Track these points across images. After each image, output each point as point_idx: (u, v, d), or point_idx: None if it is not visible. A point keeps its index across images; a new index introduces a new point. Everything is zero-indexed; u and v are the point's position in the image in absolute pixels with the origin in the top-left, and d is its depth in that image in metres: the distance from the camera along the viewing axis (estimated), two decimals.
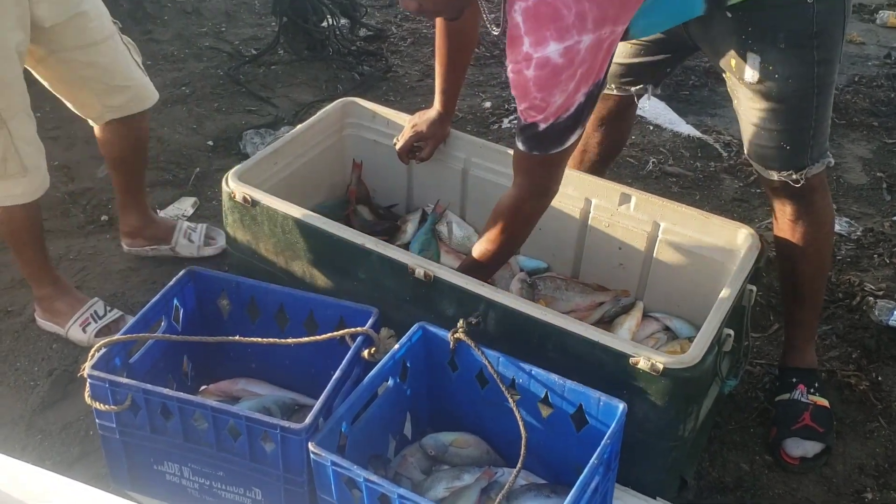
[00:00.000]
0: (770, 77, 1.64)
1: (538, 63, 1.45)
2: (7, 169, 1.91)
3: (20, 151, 1.91)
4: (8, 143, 1.88)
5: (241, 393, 1.84)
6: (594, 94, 1.55)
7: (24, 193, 1.97)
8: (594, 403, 1.53)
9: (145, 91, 2.17)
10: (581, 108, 1.53)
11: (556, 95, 1.49)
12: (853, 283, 2.39)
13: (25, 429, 1.95)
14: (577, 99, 1.51)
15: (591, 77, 1.50)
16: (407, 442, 1.73)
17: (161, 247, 2.44)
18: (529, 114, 1.54)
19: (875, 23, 4.28)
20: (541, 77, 1.47)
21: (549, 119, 1.53)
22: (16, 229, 2.08)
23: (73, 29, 1.96)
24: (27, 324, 2.24)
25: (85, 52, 2.00)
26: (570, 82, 1.48)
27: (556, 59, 1.44)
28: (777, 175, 1.75)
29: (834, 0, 1.61)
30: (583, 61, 1.45)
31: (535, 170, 1.66)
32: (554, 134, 1.56)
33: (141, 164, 2.35)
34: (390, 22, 4.14)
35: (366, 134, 2.33)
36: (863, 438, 1.96)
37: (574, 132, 1.58)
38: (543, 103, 1.50)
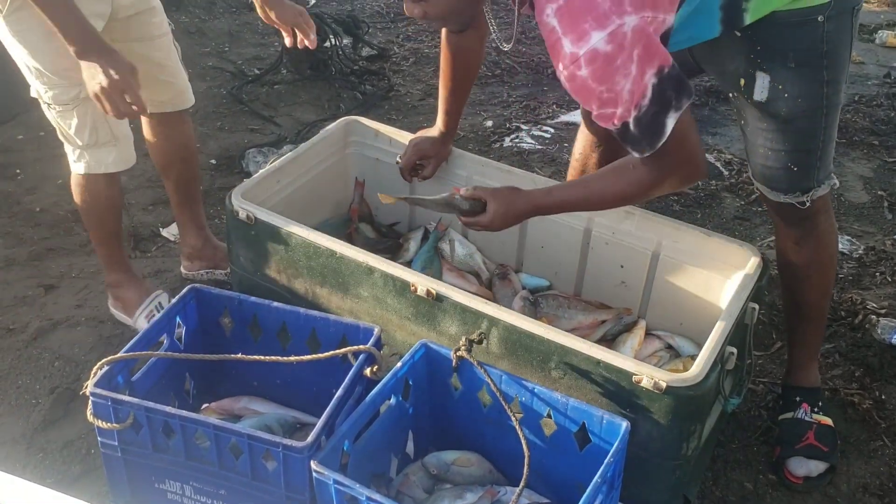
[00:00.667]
0: (779, 96, 1.64)
1: (587, 58, 1.39)
2: (99, 137, 1.99)
3: (109, 120, 1.97)
4: (97, 114, 1.93)
5: (243, 411, 1.84)
6: (670, 76, 1.44)
7: (115, 161, 2.04)
8: (597, 422, 1.53)
9: (187, 92, 2.25)
10: (659, 89, 1.43)
11: (619, 82, 1.40)
12: (855, 302, 2.39)
13: (26, 447, 1.95)
14: (647, 82, 1.41)
15: (654, 59, 1.41)
16: (409, 460, 1.72)
17: (216, 271, 2.45)
18: (607, 113, 1.46)
19: (874, 42, 4.32)
20: (595, 71, 1.40)
21: (631, 111, 1.44)
22: (96, 206, 2.13)
23: (140, 22, 2.05)
24: (29, 342, 2.24)
25: (144, 44, 2.08)
26: (630, 65, 1.40)
27: (603, 48, 1.38)
28: (783, 197, 1.75)
29: (843, 19, 1.61)
30: (634, 43, 1.38)
31: (663, 160, 1.53)
32: (648, 126, 1.46)
33: (191, 175, 2.38)
34: (392, 42, 4.18)
35: (368, 152, 2.34)
36: (867, 457, 1.96)
37: (668, 114, 1.46)
38: (611, 94, 1.42)
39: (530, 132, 3.39)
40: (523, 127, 3.42)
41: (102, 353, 2.09)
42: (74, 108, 1.94)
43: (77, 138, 1.98)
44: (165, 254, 2.62)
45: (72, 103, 1.93)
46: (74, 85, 1.90)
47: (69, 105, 1.94)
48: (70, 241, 2.65)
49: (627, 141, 1.51)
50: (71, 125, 1.96)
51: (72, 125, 1.96)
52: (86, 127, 1.97)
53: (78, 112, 1.95)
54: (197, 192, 2.44)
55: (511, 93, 3.71)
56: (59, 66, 1.89)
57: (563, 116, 3.49)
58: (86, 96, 1.90)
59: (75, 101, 1.93)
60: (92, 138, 1.98)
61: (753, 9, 1.57)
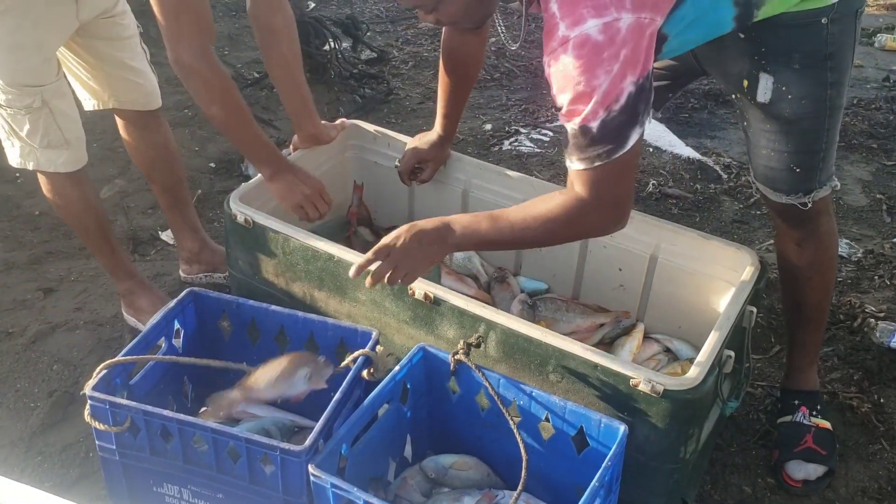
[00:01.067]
0: (783, 98, 1.64)
1: (577, 42, 1.37)
2: (50, 141, 2.00)
3: (61, 126, 2.00)
4: (49, 119, 1.98)
5: (241, 414, 1.83)
6: (645, 88, 1.42)
7: (65, 163, 2.05)
8: (595, 425, 1.53)
9: (155, 94, 2.25)
10: (633, 99, 1.40)
11: (599, 76, 1.37)
12: (854, 305, 2.39)
13: (25, 450, 1.95)
14: (625, 87, 1.39)
15: (637, 65, 1.39)
16: (407, 464, 1.72)
17: (215, 274, 2.45)
18: (575, 110, 1.41)
19: (873, 46, 4.32)
20: (581, 56, 1.37)
21: (599, 112, 1.39)
22: (69, 207, 2.14)
23: (106, 23, 2.06)
24: (28, 345, 2.25)
25: (110, 43, 2.09)
26: (614, 63, 1.37)
27: (595, 35, 1.36)
28: (786, 198, 1.75)
29: (846, 22, 1.61)
30: (624, 41, 1.36)
31: (603, 184, 1.48)
32: (611, 132, 1.42)
33: (176, 179, 2.38)
34: (392, 45, 4.18)
35: (367, 156, 2.34)
36: (865, 461, 1.96)
37: (633, 128, 1.43)
38: (588, 87, 1.38)
39: (529, 135, 3.39)
40: (522, 130, 3.43)
41: (101, 357, 2.09)
42: (27, 115, 1.95)
43: (28, 139, 1.99)
44: (164, 257, 2.62)
45: (24, 110, 1.94)
46: (29, 95, 1.92)
47: (21, 111, 1.95)
48: (69, 245, 2.65)
49: (580, 147, 1.44)
50: (22, 129, 1.97)
51: (23, 129, 1.97)
52: (37, 132, 1.98)
53: (30, 119, 1.96)
54: (185, 194, 2.43)
55: (510, 96, 3.71)
56: (16, 81, 1.90)
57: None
58: (38, 106, 1.94)
59: (28, 109, 1.94)
60: (43, 141, 2.00)
61: (764, 10, 1.57)
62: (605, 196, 1.49)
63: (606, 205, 1.51)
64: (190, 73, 1.83)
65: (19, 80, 1.90)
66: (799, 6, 1.57)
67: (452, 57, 2.02)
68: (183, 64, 1.81)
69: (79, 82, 2.14)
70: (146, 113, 2.23)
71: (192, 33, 1.79)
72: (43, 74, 1.93)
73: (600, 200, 1.49)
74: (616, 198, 1.51)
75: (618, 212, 1.53)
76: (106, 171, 3.03)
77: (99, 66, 2.11)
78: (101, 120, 2.51)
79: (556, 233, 1.55)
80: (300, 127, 2.21)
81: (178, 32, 1.78)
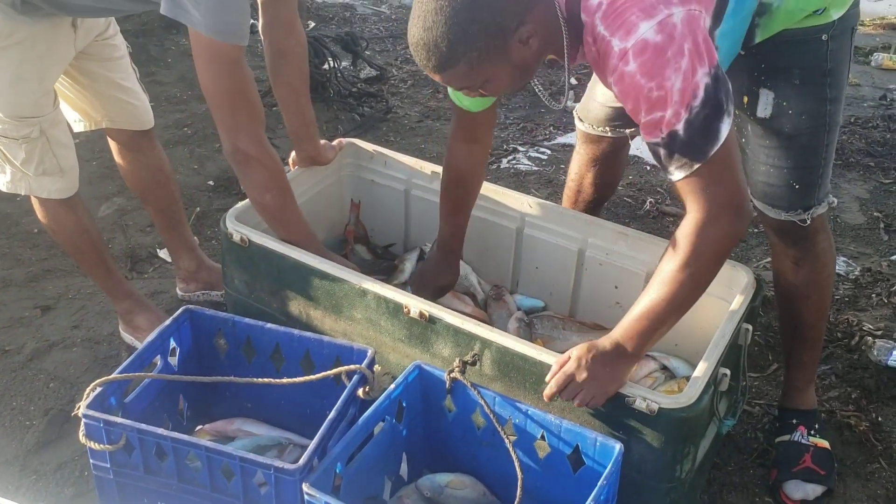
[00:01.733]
0: (783, 113, 1.65)
1: (636, 50, 1.34)
2: (45, 169, 2.01)
3: (57, 155, 2.00)
4: (46, 148, 1.98)
5: (236, 433, 1.83)
6: (721, 79, 1.37)
7: (59, 190, 2.06)
8: (591, 444, 1.52)
9: (148, 113, 2.24)
10: (712, 91, 1.36)
11: (669, 77, 1.34)
12: (851, 323, 2.39)
13: (20, 469, 1.94)
14: (699, 81, 1.35)
15: (704, 56, 1.35)
16: (403, 483, 1.72)
17: (212, 292, 2.45)
18: (655, 119, 1.38)
19: (870, 65, 4.35)
20: (645, 63, 1.34)
21: (681, 113, 1.35)
22: (63, 232, 2.13)
23: (96, 45, 2.06)
24: (25, 363, 2.24)
25: (102, 64, 2.09)
26: (681, 59, 1.33)
27: (652, 37, 1.33)
28: (785, 215, 1.75)
29: (843, 39, 1.63)
30: (683, 36, 1.33)
31: (712, 183, 1.41)
32: (699, 131, 1.37)
33: (171, 199, 2.38)
34: (391, 64, 4.20)
35: (364, 174, 2.35)
36: (864, 480, 1.94)
37: (721, 119, 1.37)
38: (661, 91, 1.35)
39: (527, 153, 3.40)
40: (520, 148, 3.44)
41: (98, 375, 2.09)
42: (24, 145, 1.95)
43: (23, 168, 1.98)
44: (162, 275, 2.62)
45: (22, 140, 1.94)
46: (27, 126, 1.92)
47: (17, 140, 1.94)
48: (67, 263, 2.65)
49: (675, 151, 1.39)
50: (17, 157, 1.96)
51: (18, 158, 1.96)
52: (32, 161, 1.97)
53: (26, 148, 1.95)
54: (181, 214, 2.43)
55: (508, 115, 3.73)
56: (16, 113, 1.90)
57: (559, 138, 3.51)
58: (36, 136, 1.94)
59: (25, 139, 1.94)
60: (39, 169, 1.99)
61: (764, 25, 1.59)
62: (719, 198, 1.42)
63: (723, 206, 1.42)
64: (249, 161, 1.81)
65: (19, 112, 1.90)
66: (800, 23, 1.58)
67: (458, 169, 1.97)
68: (243, 153, 1.79)
69: (69, 104, 2.14)
70: (139, 134, 2.23)
71: (249, 122, 1.78)
72: (42, 106, 1.93)
73: (715, 204, 1.42)
74: (730, 195, 1.43)
75: (738, 209, 1.44)
76: (105, 189, 3.04)
77: (91, 86, 2.11)
78: (100, 139, 2.52)
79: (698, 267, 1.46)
80: (300, 147, 2.22)
81: (236, 124, 1.76)
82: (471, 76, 1.44)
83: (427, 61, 1.42)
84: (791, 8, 1.56)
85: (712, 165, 1.40)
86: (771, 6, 1.56)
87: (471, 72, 1.42)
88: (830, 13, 1.59)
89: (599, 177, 2.17)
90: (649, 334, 1.52)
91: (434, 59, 1.41)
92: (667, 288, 1.47)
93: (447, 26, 1.36)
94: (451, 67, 1.41)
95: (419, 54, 1.43)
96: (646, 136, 1.43)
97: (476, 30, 1.37)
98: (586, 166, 2.16)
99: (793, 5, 1.56)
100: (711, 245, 1.45)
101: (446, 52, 1.39)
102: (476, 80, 1.46)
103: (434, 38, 1.38)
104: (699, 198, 1.43)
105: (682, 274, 1.46)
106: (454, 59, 1.40)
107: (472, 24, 1.36)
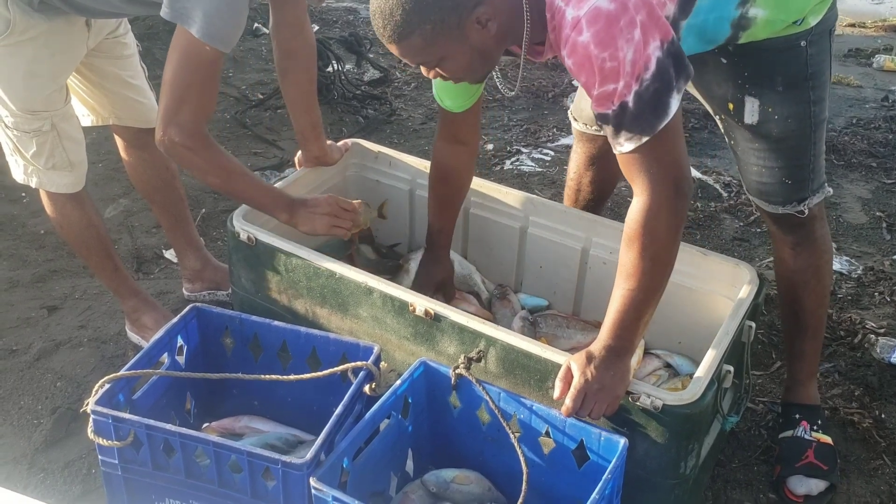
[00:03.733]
0: (770, 119, 1.69)
1: (589, 18, 1.34)
2: (55, 163, 2.03)
3: (66, 149, 2.03)
4: (56, 142, 2.00)
5: (244, 430, 1.84)
6: (675, 53, 1.38)
7: (67, 185, 2.08)
8: (595, 439, 1.53)
9: (152, 112, 2.25)
10: (663, 65, 1.36)
11: (622, 47, 1.34)
12: (854, 322, 2.40)
13: (28, 467, 1.95)
14: (651, 53, 1.35)
15: (657, 30, 1.36)
16: (408, 479, 1.73)
17: (218, 292, 2.47)
18: (607, 91, 1.38)
19: (872, 66, 4.36)
20: (598, 32, 1.34)
21: (632, 84, 1.36)
22: (71, 227, 2.15)
23: (107, 43, 2.09)
24: (32, 362, 2.26)
25: (112, 62, 2.11)
26: (633, 29, 1.34)
27: (605, 5, 1.34)
28: (782, 209, 1.78)
29: (822, 43, 1.67)
30: (637, 7, 1.34)
31: (656, 161, 1.43)
32: (649, 104, 1.38)
33: (177, 198, 2.40)
34: (394, 67, 4.22)
35: (369, 174, 2.36)
36: (867, 476, 1.95)
37: (671, 94, 1.38)
38: (614, 62, 1.35)
39: (531, 155, 3.42)
40: (524, 150, 3.45)
41: (104, 374, 2.07)
42: (34, 138, 1.97)
43: (33, 160, 2.01)
44: (168, 275, 2.64)
45: (32, 133, 1.97)
46: (39, 119, 1.94)
47: (28, 133, 1.97)
48: (74, 263, 2.67)
49: (624, 126, 1.40)
50: (28, 150, 1.99)
51: (29, 150, 1.99)
52: (42, 154, 2.00)
53: (37, 142, 1.98)
54: (186, 213, 2.45)
55: (511, 116, 3.75)
56: (28, 107, 1.93)
57: (562, 139, 3.52)
58: (47, 129, 1.96)
59: (36, 133, 1.96)
60: (48, 163, 2.02)
61: (747, 35, 1.61)
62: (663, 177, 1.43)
63: (667, 185, 1.44)
64: (175, 148, 1.78)
65: (31, 106, 1.93)
66: (780, 32, 1.62)
67: (442, 168, 2.02)
68: (170, 142, 1.77)
69: (78, 99, 2.17)
70: (145, 132, 2.24)
71: (189, 117, 1.76)
72: (54, 101, 1.96)
73: (659, 185, 1.43)
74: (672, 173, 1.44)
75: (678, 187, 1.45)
76: (111, 190, 3.06)
77: (100, 83, 2.13)
78: (106, 141, 2.55)
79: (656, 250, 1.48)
80: (306, 148, 2.24)
81: (175, 116, 1.75)
82: (426, 51, 1.46)
83: (383, 30, 1.44)
84: (772, 19, 1.59)
85: (658, 141, 1.41)
86: (754, 19, 1.58)
87: (426, 46, 1.44)
88: (808, 20, 1.62)
89: (598, 175, 2.19)
90: (634, 327, 1.54)
91: (389, 28, 1.43)
92: (634, 279, 1.49)
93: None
94: (406, 38, 1.43)
95: (376, 22, 1.45)
96: (597, 107, 1.42)
97: (430, 2, 1.40)
98: (584, 165, 2.18)
99: (773, 16, 1.59)
100: (662, 226, 1.47)
101: (401, 22, 1.41)
102: (431, 57, 1.47)
103: (391, 7, 1.41)
104: (644, 178, 1.44)
105: (643, 262, 1.48)
106: (408, 29, 1.42)
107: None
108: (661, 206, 1.45)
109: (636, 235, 1.47)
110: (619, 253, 1.52)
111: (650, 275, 1.49)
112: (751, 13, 1.58)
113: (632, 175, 1.47)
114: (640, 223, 1.47)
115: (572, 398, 1.51)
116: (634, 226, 1.47)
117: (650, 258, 1.48)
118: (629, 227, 1.49)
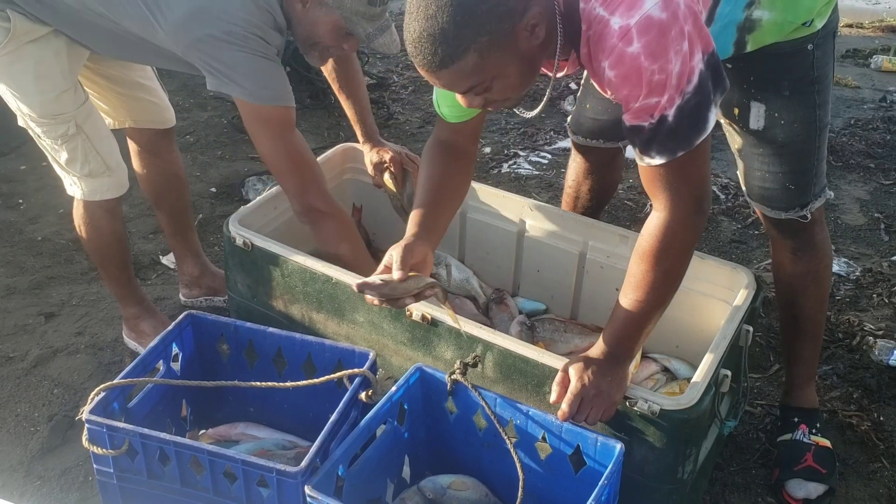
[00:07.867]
0: (776, 123, 1.68)
1: (640, 27, 1.27)
2: (92, 169, 2.01)
3: (99, 151, 2.01)
4: (87, 145, 1.99)
5: (240, 437, 1.84)
6: (714, 65, 1.34)
7: (110, 189, 2.07)
8: (591, 444, 1.53)
9: (169, 111, 2.27)
10: (704, 78, 1.32)
11: (671, 59, 1.28)
12: (853, 324, 2.39)
13: (24, 475, 1.95)
14: (696, 66, 1.31)
15: (701, 41, 1.32)
16: (405, 485, 1.72)
17: (215, 298, 2.47)
18: (650, 104, 1.32)
19: (870, 67, 4.35)
20: (650, 42, 1.27)
21: (675, 98, 1.31)
22: (98, 239, 2.15)
23: None
24: (29, 369, 2.25)
25: (120, 64, 2.11)
26: (682, 41, 1.28)
27: (657, 14, 1.27)
28: (785, 215, 1.77)
29: (826, 46, 1.66)
30: (685, 16, 1.29)
31: (684, 178, 1.40)
32: (688, 118, 1.33)
33: (184, 205, 2.41)
34: (392, 71, 4.22)
35: (366, 178, 2.36)
36: (866, 479, 1.95)
37: (710, 108, 1.35)
38: (662, 75, 1.29)
39: (528, 158, 3.41)
40: (521, 153, 3.45)
41: (101, 381, 2.07)
42: (64, 144, 1.97)
43: (69, 168, 2.01)
44: (165, 281, 2.64)
45: (60, 139, 1.96)
46: (62, 123, 1.93)
47: (58, 140, 1.96)
48: (71, 270, 2.67)
49: (657, 139, 1.35)
50: (61, 157, 1.99)
51: (62, 158, 1.99)
52: (76, 160, 1.99)
53: (67, 147, 1.97)
54: (190, 220, 2.46)
55: (509, 120, 3.74)
56: (46, 111, 1.92)
57: (560, 143, 3.52)
58: (73, 132, 1.95)
59: (64, 138, 1.96)
60: (84, 169, 2.01)
61: (753, 39, 1.60)
62: (685, 194, 1.41)
63: (688, 203, 1.41)
64: (323, 217, 1.89)
65: (49, 110, 1.91)
66: (788, 35, 1.60)
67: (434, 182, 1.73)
68: (316, 210, 1.88)
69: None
70: (160, 135, 2.25)
71: (314, 180, 1.87)
72: (70, 101, 1.94)
73: (682, 201, 1.41)
74: (695, 191, 1.42)
75: (700, 206, 1.43)
76: None
77: (112, 88, 2.13)
78: None
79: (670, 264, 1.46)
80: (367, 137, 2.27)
81: (303, 184, 1.86)
82: (479, 71, 1.32)
83: (433, 56, 1.30)
84: (780, 21, 1.57)
85: (691, 157, 1.37)
86: (759, 21, 1.57)
87: (480, 63, 1.31)
88: (815, 23, 1.61)
89: (597, 184, 2.18)
90: (636, 336, 1.53)
91: (441, 50, 1.28)
92: (643, 290, 1.48)
93: (453, 8, 1.26)
94: (460, 58, 1.30)
95: (422, 48, 1.30)
96: (632, 119, 1.37)
97: (485, 10, 1.27)
98: (582, 175, 2.18)
99: (781, 18, 1.57)
100: (678, 244, 1.45)
101: (454, 39, 1.28)
102: (485, 76, 1.34)
103: (441, 25, 1.27)
104: (668, 194, 1.42)
105: (655, 275, 1.46)
106: (463, 46, 1.28)
107: (480, 4, 1.27)
108: (681, 224, 1.43)
109: (652, 250, 1.45)
110: (630, 262, 1.50)
111: (660, 288, 1.48)
112: (755, 15, 1.57)
113: (655, 189, 1.44)
114: (657, 238, 1.44)
115: (569, 403, 1.50)
116: (651, 240, 1.45)
117: (663, 272, 1.46)
118: (645, 240, 1.46)
